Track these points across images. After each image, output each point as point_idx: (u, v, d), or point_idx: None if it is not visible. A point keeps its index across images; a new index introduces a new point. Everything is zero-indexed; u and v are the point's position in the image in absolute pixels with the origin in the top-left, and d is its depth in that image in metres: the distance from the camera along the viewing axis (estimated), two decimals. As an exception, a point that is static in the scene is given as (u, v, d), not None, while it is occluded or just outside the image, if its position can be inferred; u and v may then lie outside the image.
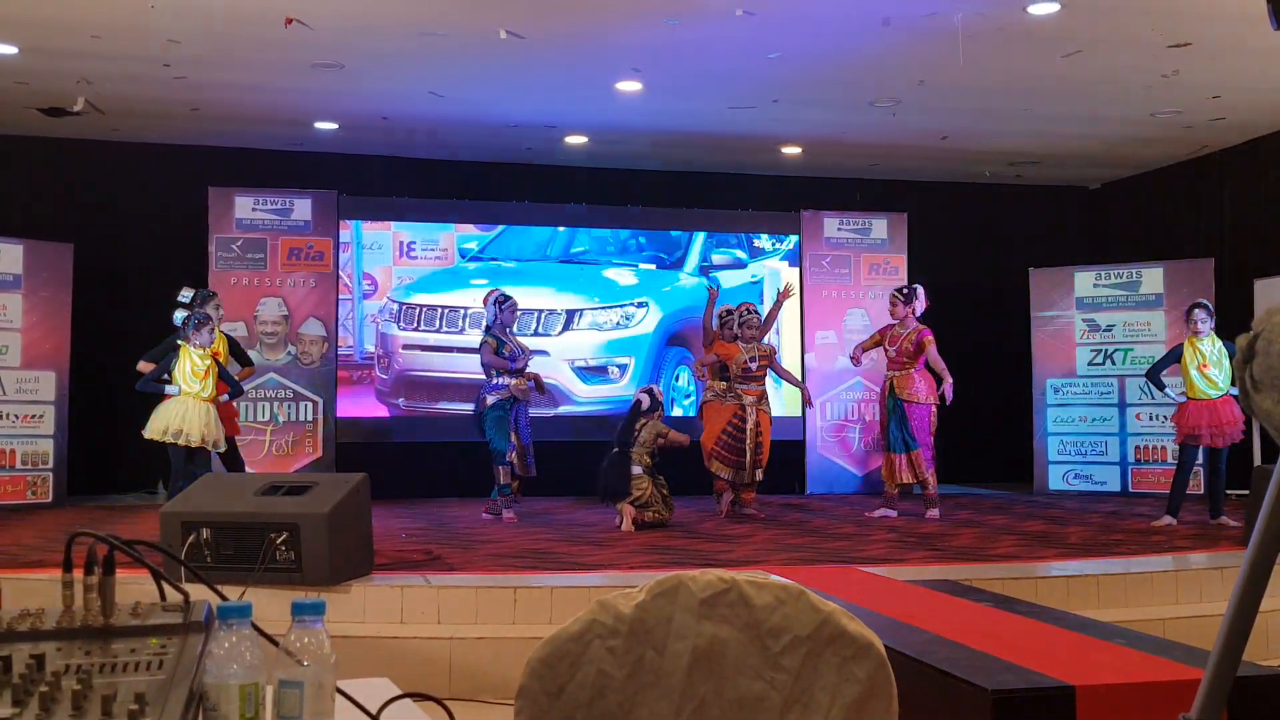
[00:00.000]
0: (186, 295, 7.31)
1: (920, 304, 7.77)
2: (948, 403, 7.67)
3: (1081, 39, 6.82)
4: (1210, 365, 6.97)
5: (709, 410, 7.77)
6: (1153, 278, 9.56)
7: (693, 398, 9.52)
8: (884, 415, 7.77)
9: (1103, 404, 9.65)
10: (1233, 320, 8.89)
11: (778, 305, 7.95)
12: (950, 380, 7.53)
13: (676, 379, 9.90)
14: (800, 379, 8.92)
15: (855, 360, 8.02)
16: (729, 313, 7.86)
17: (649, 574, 1.45)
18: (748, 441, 7.54)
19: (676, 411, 9.52)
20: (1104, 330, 9.70)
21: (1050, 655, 2.61)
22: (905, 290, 7.83)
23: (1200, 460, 7.62)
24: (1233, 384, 6.99)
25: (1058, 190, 11.19)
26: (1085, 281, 9.80)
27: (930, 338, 7.64)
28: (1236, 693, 1.26)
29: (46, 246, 8.58)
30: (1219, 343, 7.05)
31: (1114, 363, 9.64)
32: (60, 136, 9.09)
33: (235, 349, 7.66)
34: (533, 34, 6.68)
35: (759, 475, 7.67)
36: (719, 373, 7.76)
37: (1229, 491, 7.23)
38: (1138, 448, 9.50)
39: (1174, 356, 7.19)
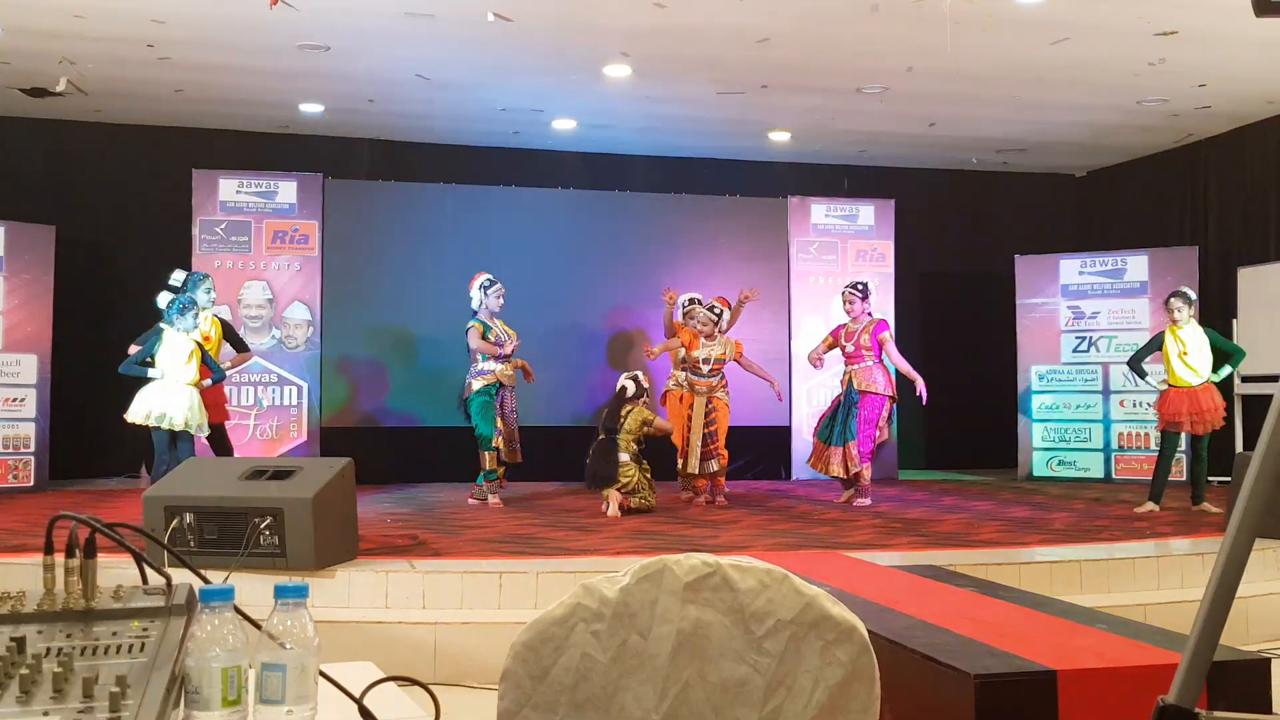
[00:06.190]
0: (178, 278, 7.21)
1: (872, 300, 7.81)
2: (924, 403, 7.63)
3: (1069, 26, 6.82)
4: (1191, 353, 6.99)
5: (670, 399, 7.74)
6: (1138, 265, 9.60)
7: None
8: (833, 406, 7.73)
9: (1087, 391, 9.70)
10: (1216, 308, 8.97)
11: (739, 306, 7.87)
12: (921, 381, 7.49)
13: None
14: (769, 374, 8.03)
15: (816, 364, 7.92)
16: (690, 302, 7.85)
17: (634, 559, 1.45)
18: (697, 430, 7.44)
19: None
20: (1089, 317, 9.74)
21: (1033, 640, 2.62)
22: (860, 286, 7.80)
23: (1183, 447, 7.65)
24: (1213, 371, 7.03)
25: (1044, 178, 11.22)
26: (1071, 269, 9.83)
27: (888, 333, 7.63)
28: (1214, 676, 1.28)
29: (28, 228, 8.50)
30: (1200, 330, 7.08)
31: (1098, 350, 9.68)
32: (43, 117, 9.01)
33: (230, 334, 7.58)
34: (520, 16, 6.65)
35: (712, 466, 7.48)
36: (680, 360, 7.71)
37: (1211, 478, 7.28)
38: (1121, 434, 9.56)
39: (1155, 345, 7.21)
